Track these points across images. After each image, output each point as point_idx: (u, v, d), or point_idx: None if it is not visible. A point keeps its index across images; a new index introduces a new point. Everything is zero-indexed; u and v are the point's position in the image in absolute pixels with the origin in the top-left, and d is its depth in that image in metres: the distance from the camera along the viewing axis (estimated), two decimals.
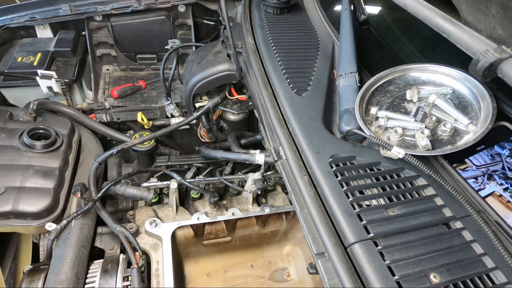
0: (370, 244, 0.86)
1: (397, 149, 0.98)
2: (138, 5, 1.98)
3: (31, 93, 1.76)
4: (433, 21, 0.75)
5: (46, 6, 1.94)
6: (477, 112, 1.06)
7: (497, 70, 0.62)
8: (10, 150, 1.34)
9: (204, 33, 2.29)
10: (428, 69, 1.19)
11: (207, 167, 1.75)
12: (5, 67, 1.76)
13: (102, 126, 1.76)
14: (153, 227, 1.39)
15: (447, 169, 1.04)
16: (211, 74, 1.61)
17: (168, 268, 1.29)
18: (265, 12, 1.70)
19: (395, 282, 0.79)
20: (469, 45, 0.68)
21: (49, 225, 1.24)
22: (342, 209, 0.92)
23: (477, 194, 0.96)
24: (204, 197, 1.64)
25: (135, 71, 2.24)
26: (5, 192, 1.22)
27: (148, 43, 2.14)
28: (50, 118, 1.57)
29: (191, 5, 2.12)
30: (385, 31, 1.55)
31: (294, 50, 1.47)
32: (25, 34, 2.00)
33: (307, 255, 1.69)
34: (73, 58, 1.92)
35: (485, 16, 0.76)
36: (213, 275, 1.69)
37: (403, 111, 1.14)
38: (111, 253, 1.31)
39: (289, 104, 1.23)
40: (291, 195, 1.05)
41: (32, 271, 1.20)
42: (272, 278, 1.72)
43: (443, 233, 0.90)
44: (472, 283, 0.81)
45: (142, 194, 1.42)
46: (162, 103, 2.01)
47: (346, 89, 1.27)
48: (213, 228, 1.55)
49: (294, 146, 1.14)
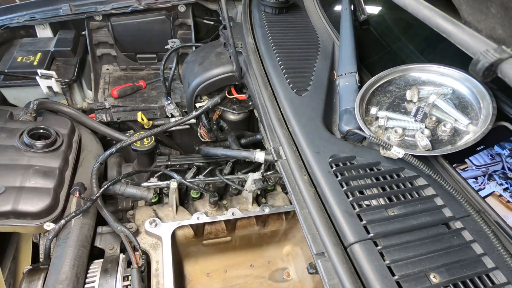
0: (370, 244, 0.86)
1: (397, 149, 0.98)
2: (138, 5, 1.98)
3: (31, 93, 1.76)
4: (433, 21, 0.75)
5: (46, 5, 1.94)
6: (477, 112, 1.06)
7: (497, 70, 0.62)
8: (10, 150, 1.34)
9: (204, 33, 2.29)
10: (428, 69, 1.19)
11: (207, 166, 1.75)
12: (5, 67, 1.76)
13: (102, 126, 1.75)
14: (153, 227, 1.39)
15: (447, 169, 1.04)
16: (214, 76, 1.61)
17: (168, 268, 1.29)
18: (265, 12, 1.70)
19: (395, 282, 0.79)
20: (469, 45, 0.68)
21: (48, 225, 1.24)
22: (342, 209, 0.92)
23: (477, 194, 0.96)
24: (204, 197, 1.64)
25: (135, 71, 2.24)
26: (5, 192, 1.22)
27: (148, 43, 2.14)
28: (50, 118, 1.57)
29: (191, 5, 2.13)
30: (385, 31, 1.55)
31: (294, 50, 1.47)
32: (25, 34, 2.00)
33: (307, 255, 1.69)
34: (73, 58, 1.92)
35: (485, 16, 0.76)
36: (213, 275, 1.69)
37: (403, 111, 1.14)
38: (111, 253, 1.31)
39: (289, 104, 1.23)
40: (291, 195, 1.05)
41: (32, 271, 1.20)
42: (272, 278, 1.72)
43: (443, 233, 0.90)
44: (472, 283, 0.81)
45: (142, 194, 1.42)
46: (162, 103, 2.01)
47: (346, 89, 1.27)
48: (213, 228, 1.55)
49: (294, 146, 1.14)
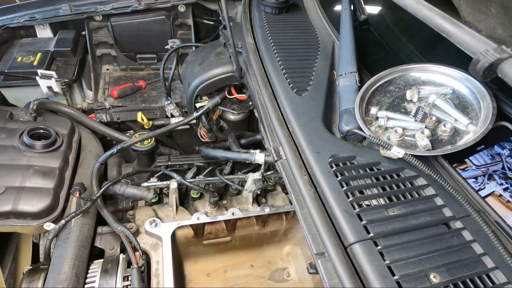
0: (370, 244, 0.86)
1: (397, 149, 0.98)
2: (138, 5, 1.98)
3: (31, 93, 1.76)
4: (433, 21, 0.75)
5: (46, 6, 1.94)
6: (477, 112, 1.06)
7: (497, 70, 0.62)
8: (10, 150, 1.34)
9: (204, 33, 2.29)
10: (428, 69, 1.19)
11: (207, 167, 1.75)
12: (5, 67, 1.76)
13: (102, 126, 1.75)
14: (153, 227, 1.39)
15: (447, 169, 1.04)
16: (214, 76, 1.61)
17: (168, 268, 1.29)
18: (265, 12, 1.70)
19: (395, 282, 0.79)
20: (469, 45, 0.68)
21: (48, 225, 1.24)
22: (342, 209, 0.92)
23: (477, 194, 0.96)
24: (204, 197, 1.64)
25: (135, 71, 2.24)
26: (5, 192, 1.22)
27: (148, 43, 2.14)
28: (50, 118, 1.57)
29: (191, 5, 2.13)
30: (385, 31, 1.55)
31: (294, 50, 1.47)
32: (25, 34, 2.00)
33: (307, 255, 1.69)
34: (73, 58, 1.92)
35: (485, 16, 0.76)
36: (213, 275, 1.69)
37: (403, 111, 1.14)
38: (111, 253, 1.31)
39: (289, 104, 1.23)
40: (291, 195, 1.05)
41: (32, 271, 1.20)
42: (272, 278, 1.72)
43: (443, 233, 0.90)
44: (472, 283, 0.81)
45: (142, 194, 1.42)
46: (162, 103, 2.01)
47: (346, 89, 1.27)
48: (213, 228, 1.55)
49: (294, 146, 1.14)
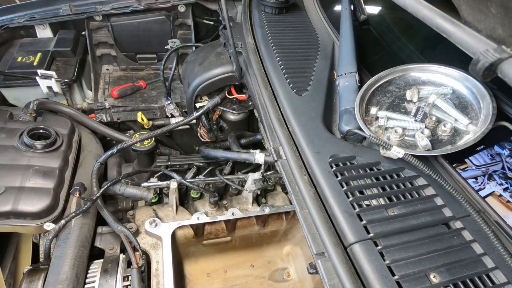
0: (370, 244, 0.86)
1: (397, 149, 0.98)
2: (138, 5, 1.98)
3: (31, 93, 1.76)
4: (433, 21, 0.75)
5: (46, 6, 1.94)
6: (477, 112, 1.06)
7: (497, 70, 0.62)
8: (10, 150, 1.34)
9: (204, 33, 2.29)
10: (428, 69, 1.19)
11: (207, 167, 1.75)
12: (5, 67, 1.76)
13: (102, 126, 1.75)
14: (153, 227, 1.39)
15: (447, 169, 1.04)
16: (214, 76, 1.61)
17: (168, 268, 1.29)
18: (264, 12, 1.70)
19: (395, 282, 0.79)
20: (469, 45, 0.68)
21: (48, 225, 1.24)
22: (342, 209, 0.92)
23: (477, 194, 0.96)
24: (204, 197, 1.64)
25: (135, 71, 2.24)
26: (5, 192, 1.22)
27: (148, 43, 2.14)
28: (50, 118, 1.57)
29: (191, 5, 2.13)
30: (385, 31, 1.55)
31: (294, 50, 1.47)
32: (25, 34, 2.00)
33: (307, 255, 1.69)
34: (73, 58, 1.92)
35: (485, 16, 0.76)
36: (213, 275, 1.69)
37: (403, 111, 1.14)
38: (111, 253, 1.31)
39: (289, 104, 1.23)
40: (291, 195, 1.05)
41: (32, 271, 1.20)
42: (272, 278, 1.72)
43: (443, 233, 0.90)
44: (472, 283, 0.81)
45: (142, 194, 1.42)
46: (162, 103, 2.01)
47: (346, 89, 1.27)
48: (213, 228, 1.55)
49: (294, 146, 1.14)
